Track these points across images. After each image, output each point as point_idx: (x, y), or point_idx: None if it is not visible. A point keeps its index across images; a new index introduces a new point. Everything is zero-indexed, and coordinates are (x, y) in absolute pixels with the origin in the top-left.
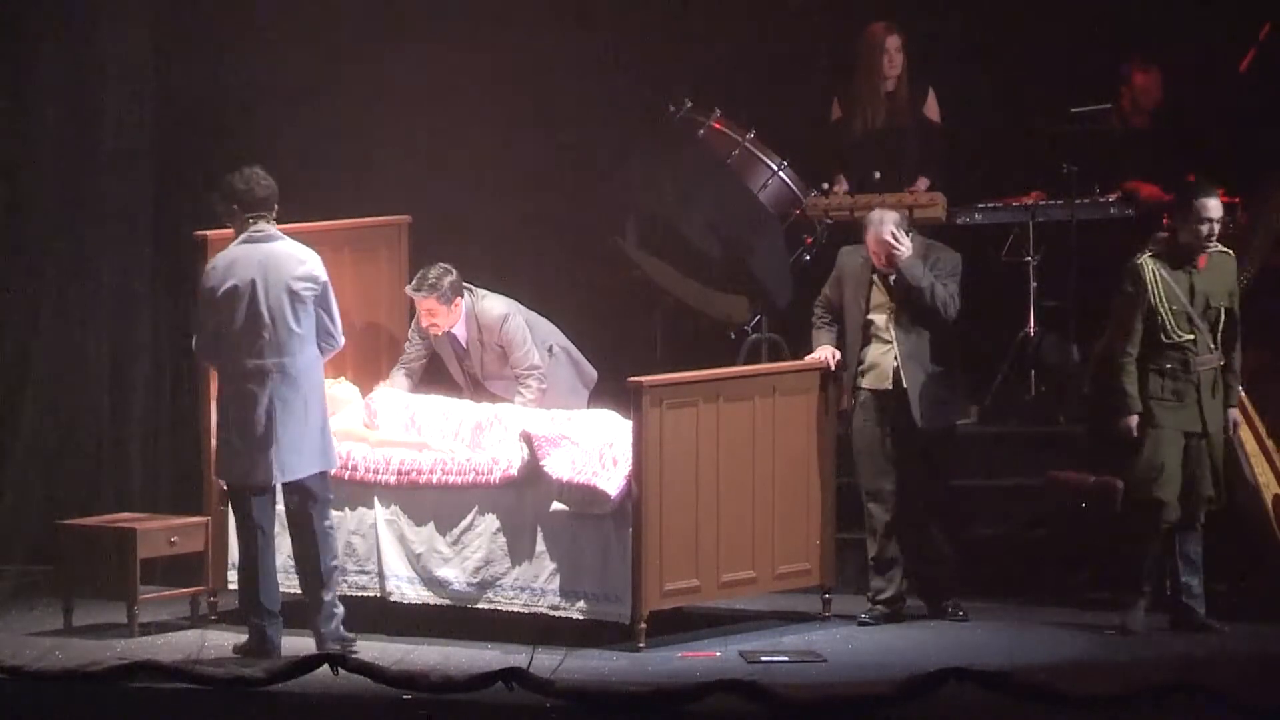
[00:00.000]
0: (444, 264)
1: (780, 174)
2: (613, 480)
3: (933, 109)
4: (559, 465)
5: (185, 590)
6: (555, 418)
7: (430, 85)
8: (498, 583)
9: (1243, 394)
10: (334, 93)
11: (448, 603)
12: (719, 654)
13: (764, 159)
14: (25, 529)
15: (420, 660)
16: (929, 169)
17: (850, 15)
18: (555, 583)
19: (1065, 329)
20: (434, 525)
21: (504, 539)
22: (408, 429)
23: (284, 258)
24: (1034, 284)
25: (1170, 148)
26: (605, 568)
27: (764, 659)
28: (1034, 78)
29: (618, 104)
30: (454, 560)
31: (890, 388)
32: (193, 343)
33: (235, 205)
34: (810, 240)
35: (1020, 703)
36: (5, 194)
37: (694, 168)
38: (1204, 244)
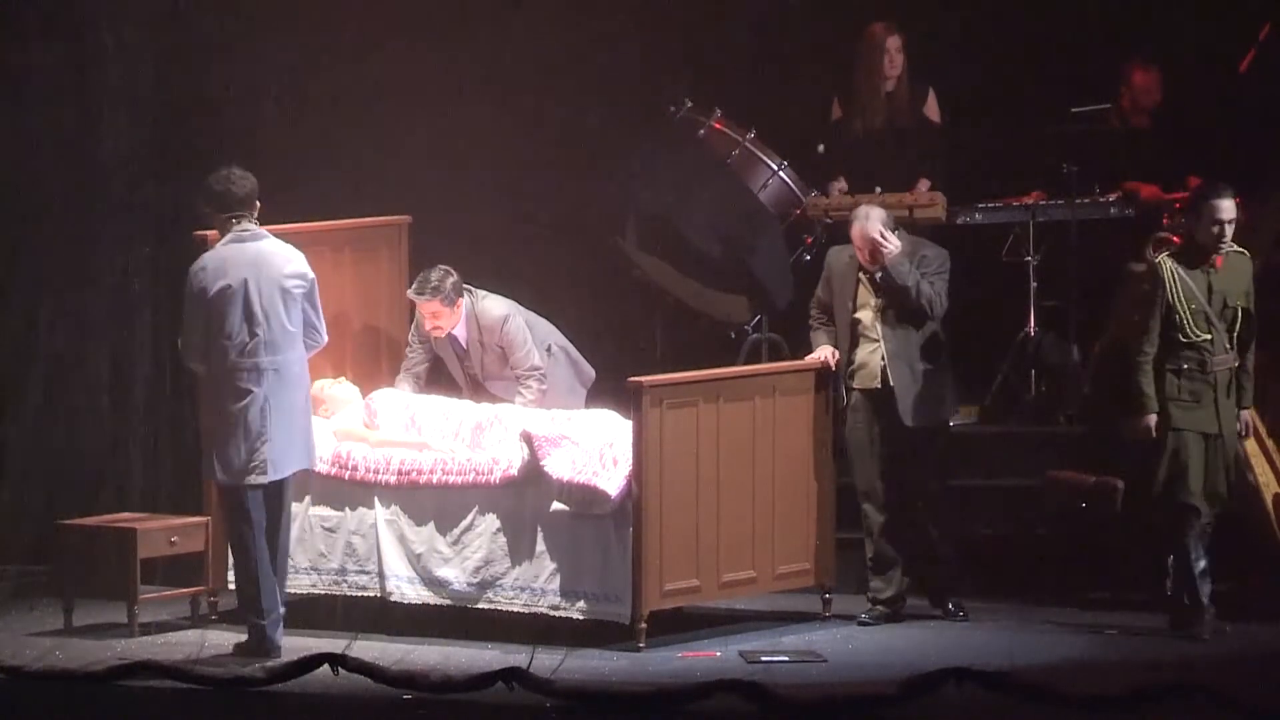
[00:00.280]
0: (444, 266)
1: (780, 174)
2: (613, 480)
3: (933, 109)
4: (559, 465)
5: (185, 590)
6: (555, 418)
7: (430, 85)
8: (498, 583)
9: None
10: (334, 93)
11: (448, 603)
12: (719, 654)
13: (764, 159)
14: (25, 529)
15: (420, 660)
16: (929, 169)
17: (850, 15)
18: (555, 583)
19: (1065, 329)
20: (434, 525)
21: (504, 539)
22: (408, 429)
23: (274, 256)
24: (1034, 284)
25: (1170, 148)
26: (605, 568)
27: (764, 659)
28: (1034, 78)
29: (618, 104)
30: (454, 560)
31: (879, 387)
32: (179, 343)
33: (213, 206)
34: (810, 240)
35: (1020, 703)
36: (5, 194)
37: (694, 168)
38: (1218, 244)
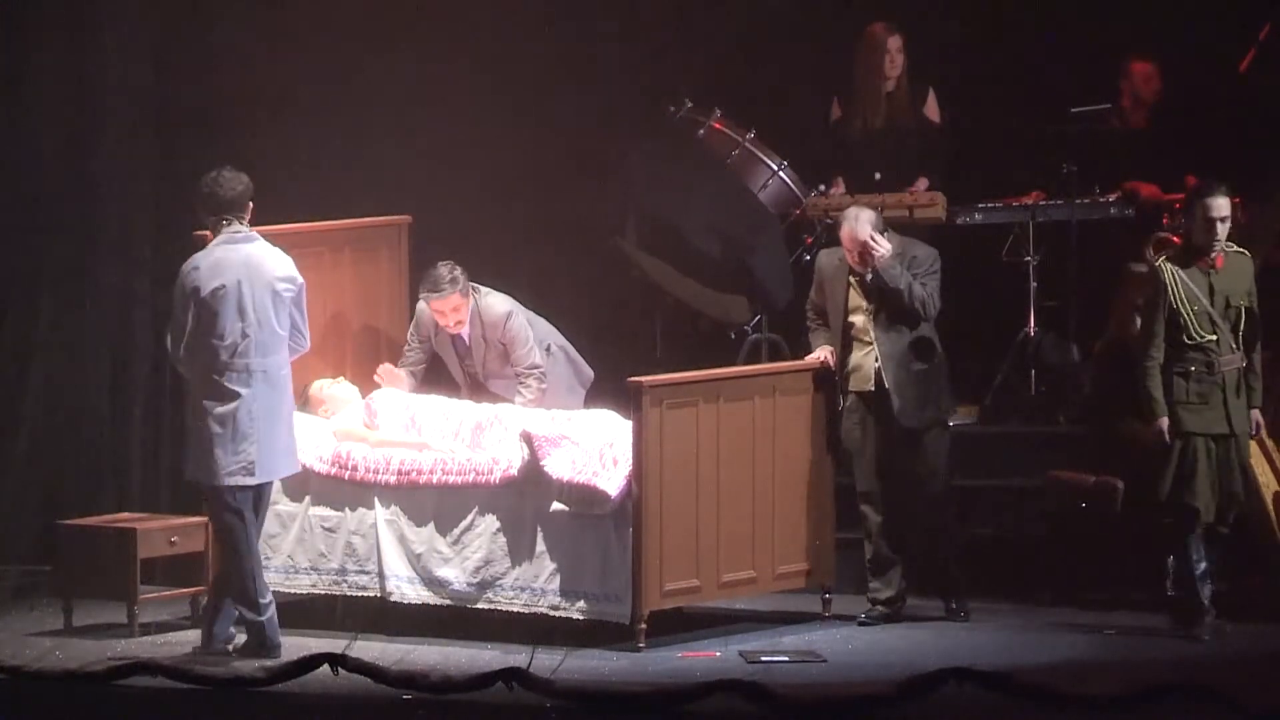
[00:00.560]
0: (446, 261)
1: (780, 174)
2: (613, 480)
3: (933, 109)
4: (559, 465)
5: (185, 590)
6: (555, 418)
7: (430, 85)
8: (498, 583)
9: None
10: (334, 93)
11: (448, 603)
12: (719, 654)
13: (764, 159)
14: (25, 529)
15: (420, 660)
16: (929, 169)
17: (850, 15)
18: (555, 583)
19: (1065, 329)
20: (434, 525)
21: (504, 539)
22: (408, 429)
23: (266, 259)
24: (1034, 284)
25: (1170, 148)
26: (605, 568)
27: (764, 659)
28: (1034, 78)
29: (618, 104)
30: (454, 560)
31: (873, 389)
32: (168, 342)
33: (203, 207)
34: (810, 240)
35: (1020, 703)
36: (5, 194)
37: (694, 168)
38: (1213, 243)
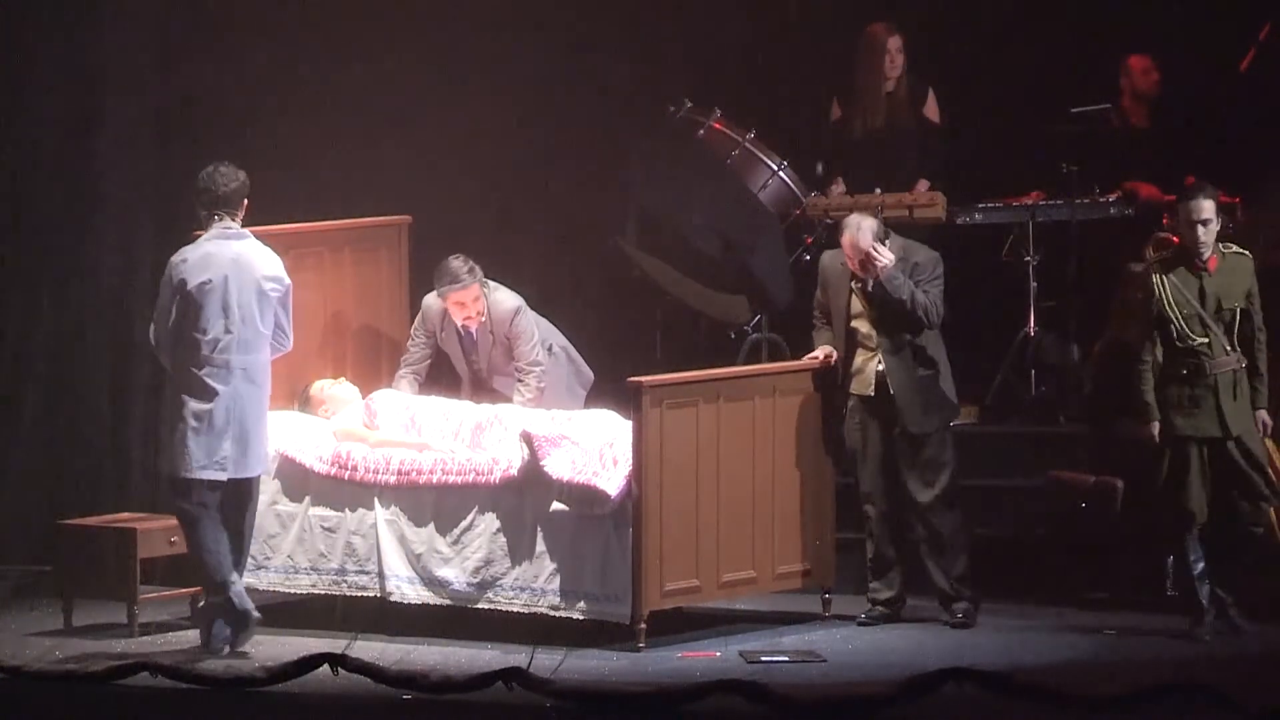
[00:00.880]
0: (456, 255)
1: (780, 174)
2: (613, 480)
3: (933, 109)
4: (559, 465)
5: (185, 590)
6: (555, 418)
7: (430, 85)
8: (498, 583)
9: None
10: (334, 93)
11: (448, 603)
12: (719, 654)
13: (764, 159)
14: (25, 529)
15: (420, 660)
16: (929, 169)
17: (850, 15)
18: (555, 583)
19: (1065, 329)
20: (434, 525)
21: (504, 539)
22: (408, 429)
23: (255, 257)
24: (1034, 284)
25: (1170, 148)
26: (605, 568)
27: (764, 659)
28: (1034, 78)
29: (618, 104)
30: (454, 560)
31: (873, 394)
32: (151, 333)
33: (197, 201)
34: (810, 240)
35: (1020, 703)
36: (5, 194)
37: (694, 168)
38: (1197, 246)
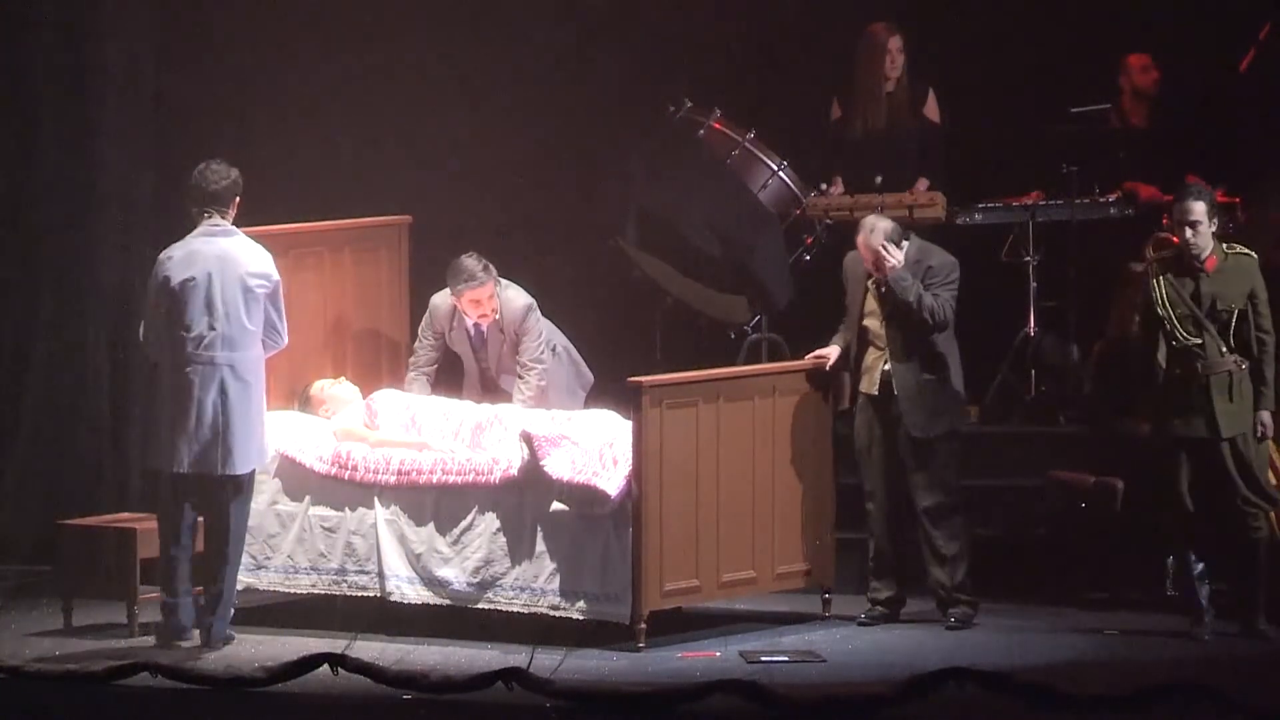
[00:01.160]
0: (468, 253)
1: (780, 174)
2: (613, 480)
3: (933, 109)
4: (559, 465)
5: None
6: (555, 418)
7: (430, 85)
8: (498, 583)
9: None
10: (334, 93)
11: (448, 603)
12: (719, 654)
13: (764, 159)
14: (25, 529)
15: (420, 660)
16: (929, 169)
17: (850, 15)
18: (555, 583)
19: (1065, 329)
20: (434, 525)
21: (504, 539)
22: (408, 429)
23: (241, 253)
24: (1034, 284)
25: (1170, 148)
26: (605, 568)
27: (764, 659)
28: (1034, 78)
29: (618, 104)
30: (454, 560)
31: (878, 393)
32: (140, 332)
33: (188, 198)
34: (810, 240)
35: (1020, 703)
36: (5, 194)
37: (694, 168)
38: (1189, 247)
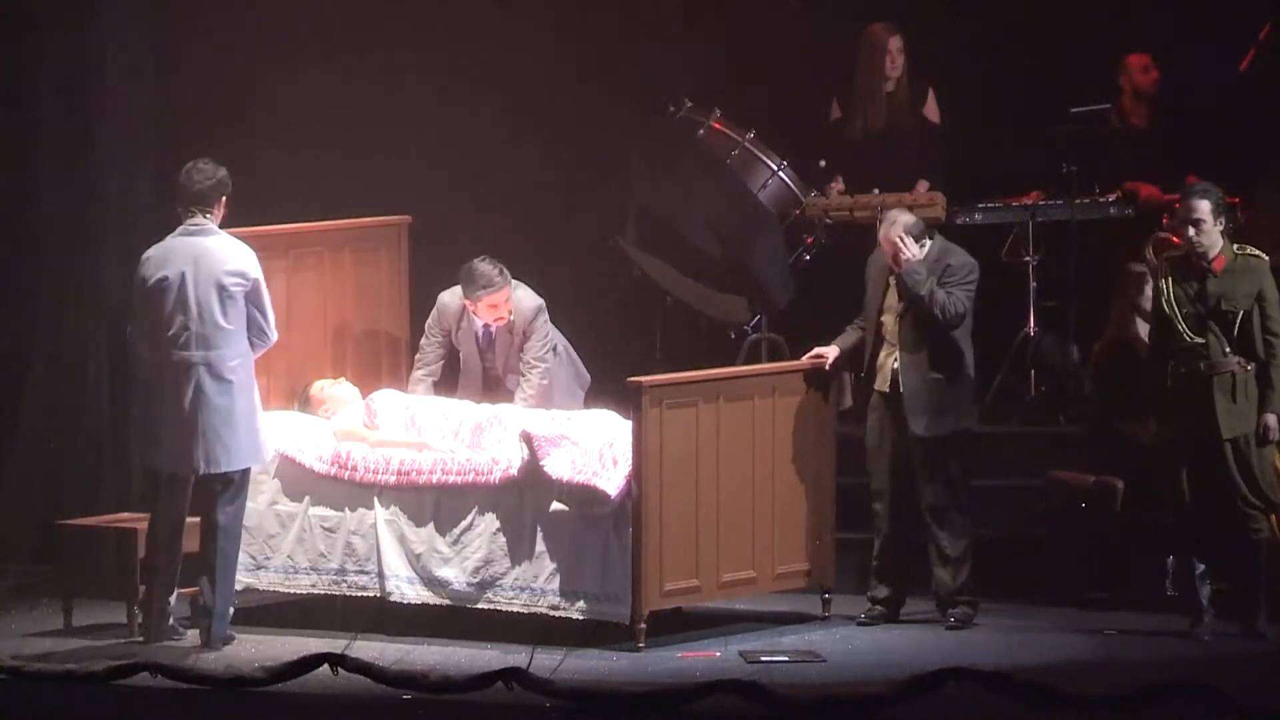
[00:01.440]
0: (481, 257)
1: (780, 174)
2: (613, 480)
3: (933, 109)
4: (559, 465)
5: (185, 590)
6: (555, 418)
7: (430, 86)
8: (498, 583)
9: None
10: (334, 93)
11: (448, 603)
12: (719, 654)
13: (764, 159)
14: (25, 529)
15: (420, 660)
16: (929, 169)
17: (850, 15)
18: (555, 583)
19: (1065, 329)
20: (434, 525)
21: (504, 539)
22: (408, 429)
23: (216, 252)
24: (1034, 284)
25: (1170, 148)
26: (605, 568)
27: (764, 659)
28: (1034, 78)
29: (618, 104)
30: (454, 560)
31: (888, 390)
32: (128, 332)
33: (175, 197)
34: (810, 240)
35: (1020, 703)
36: (5, 194)
37: (694, 168)
38: (1192, 245)
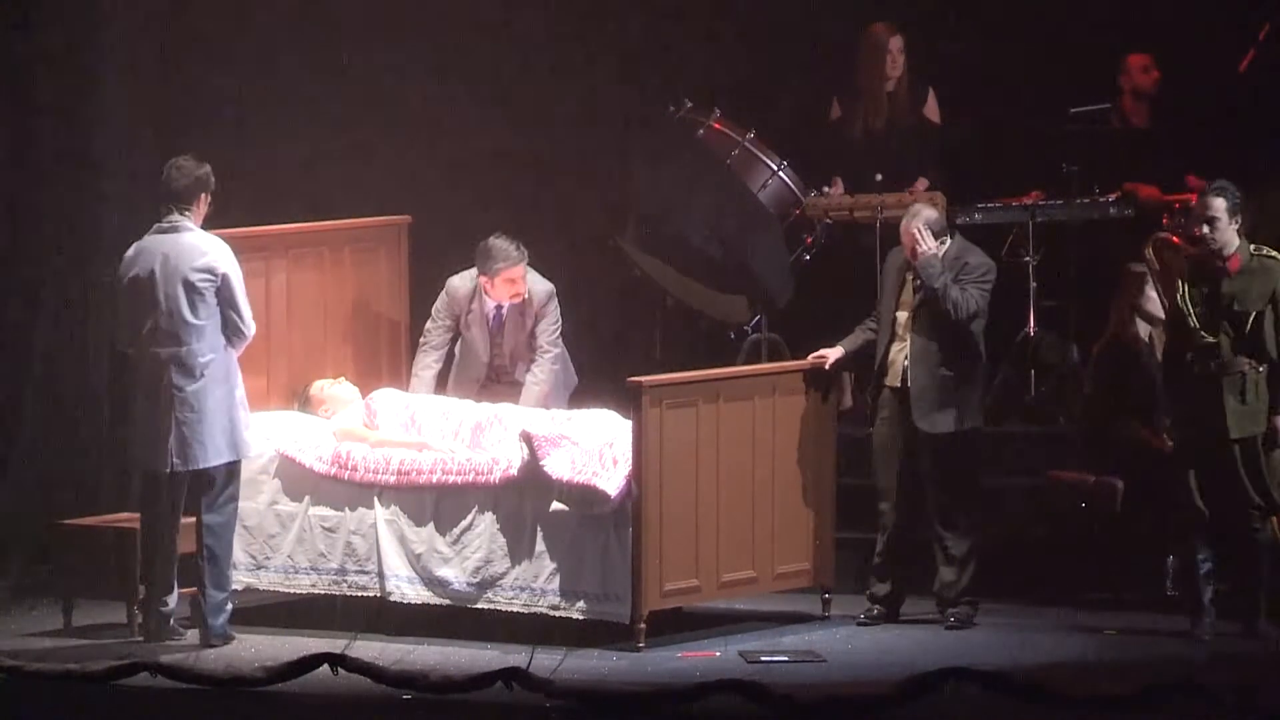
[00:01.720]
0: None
1: (780, 174)
2: (613, 480)
3: (933, 109)
4: (559, 465)
5: (185, 590)
6: (555, 418)
7: (430, 85)
8: (498, 583)
9: None
10: (334, 93)
11: (448, 603)
12: (719, 654)
13: (764, 159)
14: (25, 529)
15: (420, 660)
16: (929, 169)
17: (850, 15)
18: (555, 583)
19: (1065, 329)
20: (434, 525)
21: (504, 539)
22: (408, 429)
23: (186, 249)
24: (1034, 284)
25: (1170, 148)
26: (605, 568)
27: (764, 659)
28: (1034, 78)
29: (618, 104)
30: (454, 560)
31: (899, 385)
32: (113, 330)
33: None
34: (810, 240)
35: (1020, 703)
36: (5, 194)
37: (694, 168)
38: (1206, 243)
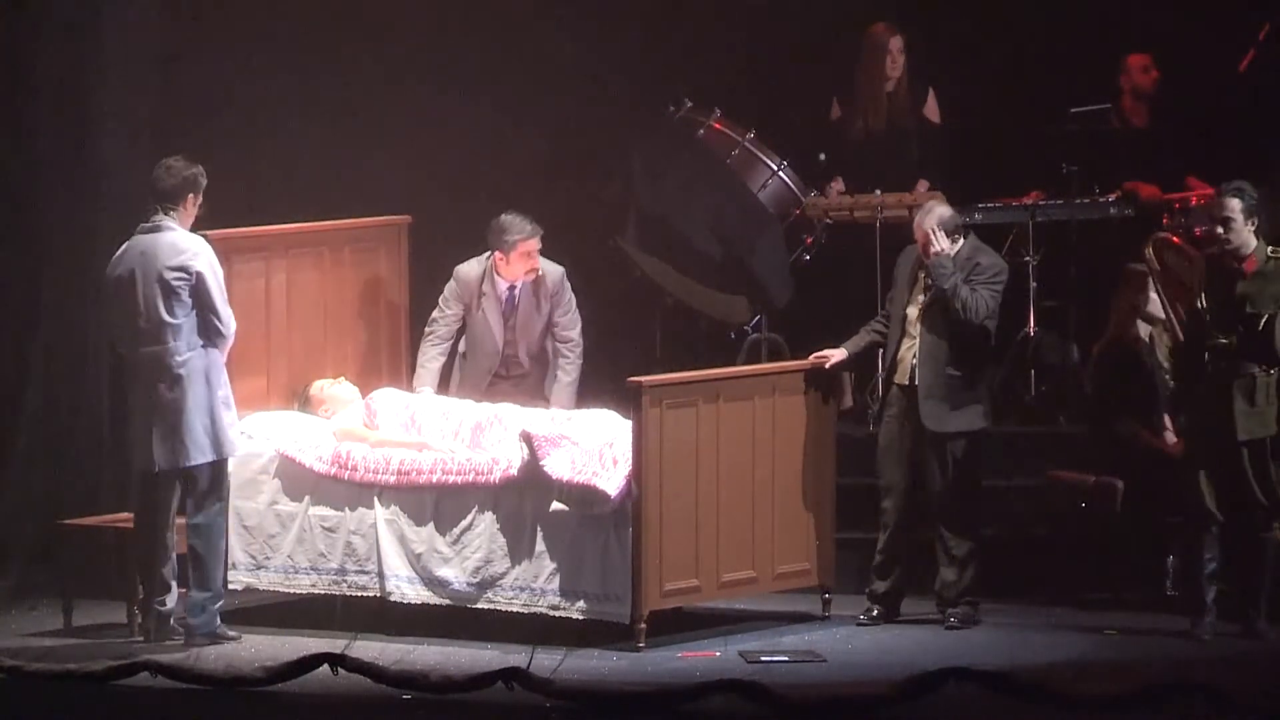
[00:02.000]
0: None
1: (780, 174)
2: (613, 480)
3: (933, 109)
4: (559, 465)
5: (185, 590)
6: (555, 418)
7: (430, 85)
8: (498, 583)
9: None
10: (333, 93)
11: (448, 603)
12: (719, 654)
13: (764, 159)
14: (25, 529)
15: (420, 660)
16: (929, 169)
17: (850, 15)
18: (555, 583)
19: (1065, 329)
20: (434, 525)
21: (504, 539)
22: (408, 429)
23: (163, 248)
24: (1034, 284)
25: (1170, 148)
26: (605, 568)
27: (764, 659)
28: (1034, 78)
29: (618, 104)
30: (454, 560)
31: (907, 384)
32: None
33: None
34: (810, 240)
35: (1020, 703)
36: (5, 194)
37: (694, 168)
38: (1221, 243)
